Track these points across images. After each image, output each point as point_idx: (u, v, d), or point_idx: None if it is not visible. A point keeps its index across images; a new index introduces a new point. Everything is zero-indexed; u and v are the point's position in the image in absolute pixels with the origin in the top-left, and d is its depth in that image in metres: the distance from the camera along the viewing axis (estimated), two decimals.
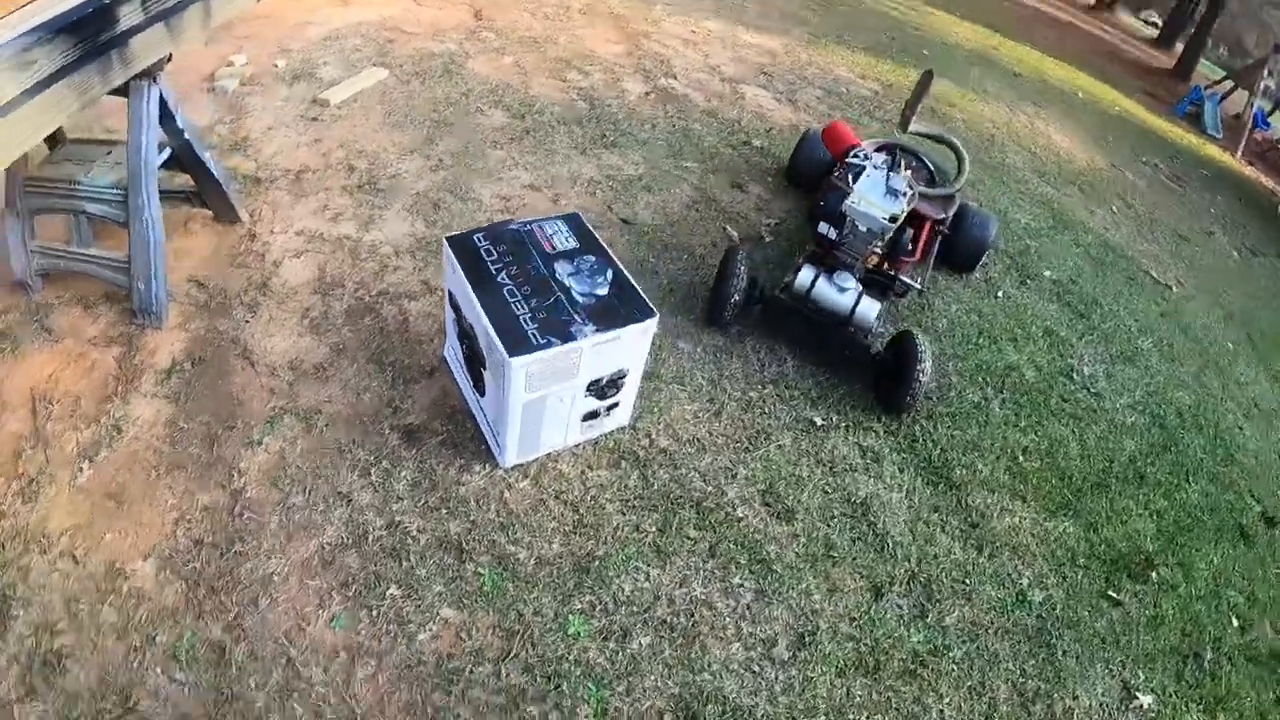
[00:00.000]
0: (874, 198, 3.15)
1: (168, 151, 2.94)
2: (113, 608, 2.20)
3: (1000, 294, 4.04)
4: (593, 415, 2.59)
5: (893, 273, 3.38)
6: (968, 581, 2.65)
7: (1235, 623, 2.87)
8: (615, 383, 2.51)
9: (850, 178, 3.27)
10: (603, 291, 2.40)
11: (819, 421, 3.05)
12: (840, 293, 3.21)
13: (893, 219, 3.13)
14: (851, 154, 3.46)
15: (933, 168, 3.79)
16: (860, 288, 3.24)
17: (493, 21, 5.44)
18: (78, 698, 2.03)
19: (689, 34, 6.17)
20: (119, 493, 2.43)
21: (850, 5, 8.22)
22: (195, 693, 2.09)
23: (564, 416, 2.49)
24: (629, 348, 2.40)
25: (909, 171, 3.42)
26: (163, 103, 2.75)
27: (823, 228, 3.27)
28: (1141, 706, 2.51)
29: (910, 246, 3.42)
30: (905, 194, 3.19)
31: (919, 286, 3.50)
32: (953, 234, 3.84)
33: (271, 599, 2.25)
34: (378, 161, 3.81)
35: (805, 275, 3.24)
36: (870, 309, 3.20)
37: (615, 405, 2.63)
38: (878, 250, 3.29)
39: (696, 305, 3.41)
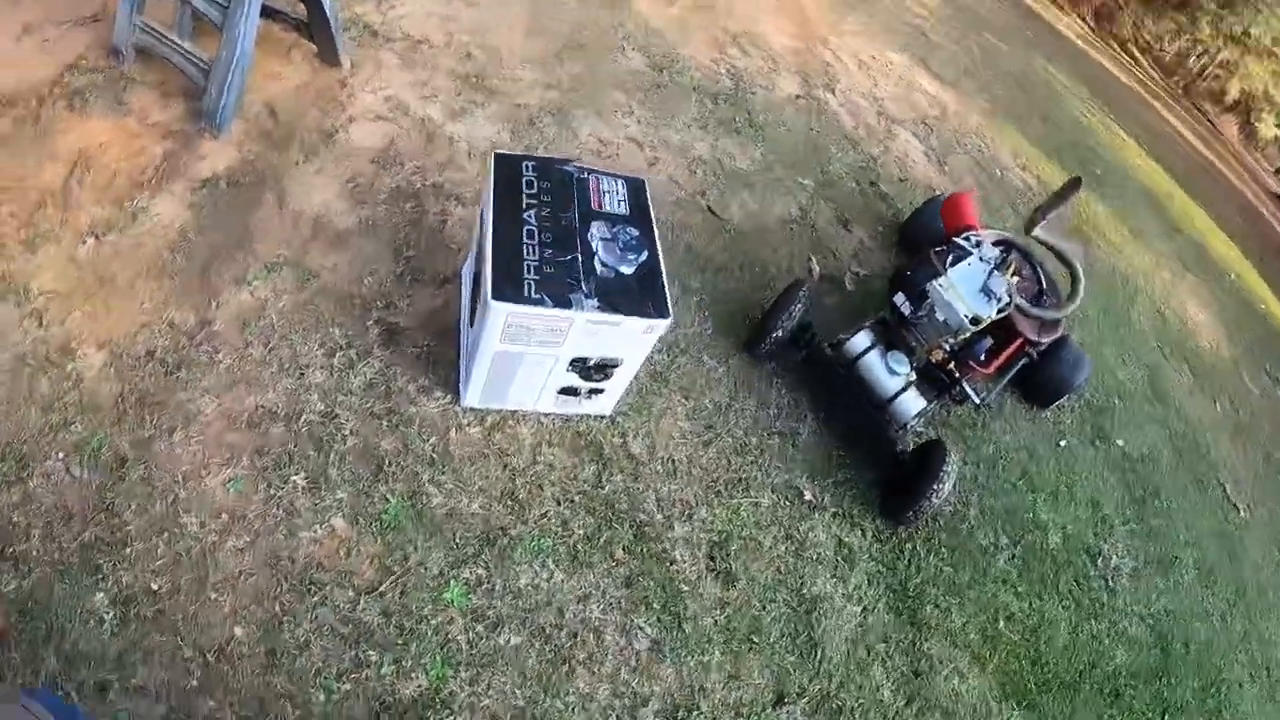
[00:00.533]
0: (964, 290, 2.67)
1: None
2: (50, 381, 2.09)
3: (1062, 444, 3.49)
4: (571, 391, 2.29)
5: (957, 375, 2.90)
6: None
7: None
8: (604, 369, 2.19)
9: (950, 258, 2.80)
10: (627, 270, 2.07)
11: (808, 496, 2.66)
12: (889, 374, 2.78)
13: (975, 321, 2.66)
14: (964, 234, 2.96)
15: (1044, 285, 3.20)
16: (913, 377, 2.79)
17: None
18: None
19: (868, 57, 5.61)
20: (107, 278, 2.31)
21: (1043, 95, 7.40)
22: (83, 492, 1.96)
23: (538, 382, 2.20)
24: (627, 339, 2.07)
25: (1016, 278, 2.90)
26: None
27: (898, 298, 2.82)
28: None
29: (983, 356, 2.93)
30: (1000, 300, 2.70)
31: (978, 401, 3.01)
32: (1040, 362, 3.32)
33: (187, 435, 2.09)
34: (497, 59, 3.53)
35: (860, 340, 2.82)
36: (912, 404, 2.76)
37: (599, 392, 2.32)
38: (946, 347, 2.83)
39: (741, 325, 3.03)
